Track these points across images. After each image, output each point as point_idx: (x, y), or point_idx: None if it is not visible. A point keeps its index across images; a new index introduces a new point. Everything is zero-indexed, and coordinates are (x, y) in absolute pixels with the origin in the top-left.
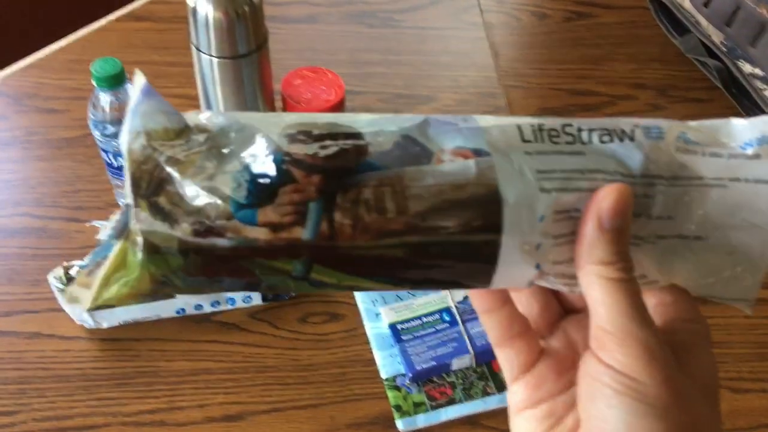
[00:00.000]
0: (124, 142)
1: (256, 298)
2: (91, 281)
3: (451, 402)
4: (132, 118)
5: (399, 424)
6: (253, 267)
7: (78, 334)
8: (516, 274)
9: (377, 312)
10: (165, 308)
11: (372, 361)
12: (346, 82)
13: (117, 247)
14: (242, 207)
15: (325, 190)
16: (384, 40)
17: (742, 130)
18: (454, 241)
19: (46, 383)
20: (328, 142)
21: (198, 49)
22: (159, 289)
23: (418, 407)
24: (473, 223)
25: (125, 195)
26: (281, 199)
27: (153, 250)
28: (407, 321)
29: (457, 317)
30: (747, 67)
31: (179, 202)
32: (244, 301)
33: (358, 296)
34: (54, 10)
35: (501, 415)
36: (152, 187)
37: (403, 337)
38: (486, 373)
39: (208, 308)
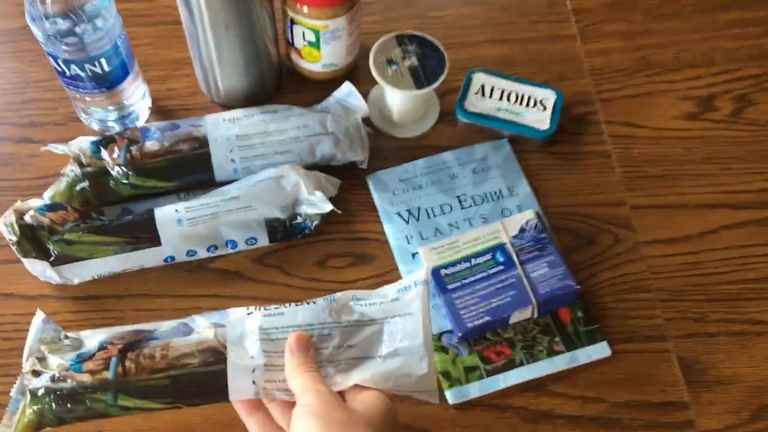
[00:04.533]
0: (28, 351)
1: (262, 239)
2: (11, 423)
3: (511, 365)
4: (34, 337)
5: (448, 395)
6: (86, 399)
7: (43, 292)
8: (244, 389)
9: (414, 252)
10: (150, 257)
11: None
12: None
13: (21, 402)
14: (75, 363)
15: (122, 351)
16: None
17: (402, 281)
18: (198, 372)
19: (10, 357)
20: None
21: None
22: (41, 426)
23: (470, 373)
24: (208, 360)
25: (23, 366)
26: (96, 357)
27: (33, 394)
28: (452, 264)
29: (514, 257)
30: None
31: (46, 368)
32: (247, 243)
33: (389, 231)
34: None
35: (571, 378)
36: (35, 363)
37: (449, 286)
38: (552, 326)
39: (203, 254)
